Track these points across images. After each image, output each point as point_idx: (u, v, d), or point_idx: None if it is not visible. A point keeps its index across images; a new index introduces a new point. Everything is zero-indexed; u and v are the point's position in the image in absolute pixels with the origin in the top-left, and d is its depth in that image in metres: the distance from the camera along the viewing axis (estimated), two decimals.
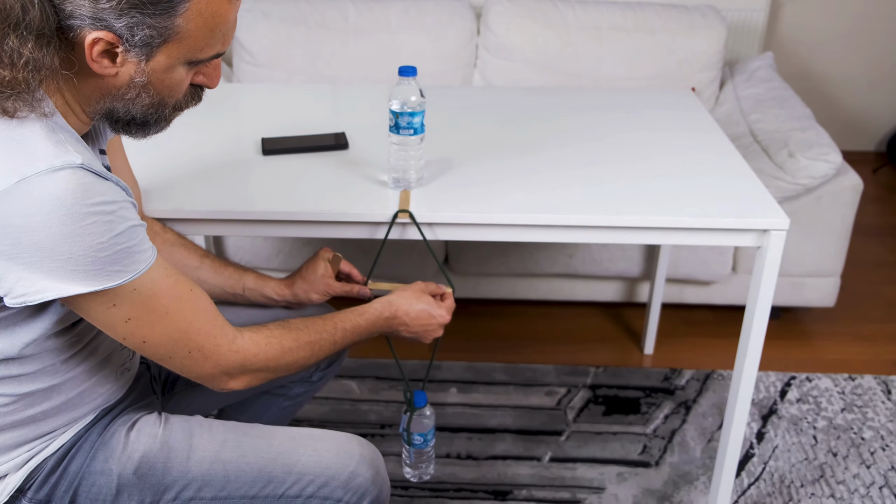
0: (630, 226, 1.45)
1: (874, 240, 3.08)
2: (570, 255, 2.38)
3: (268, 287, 1.48)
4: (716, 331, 2.54)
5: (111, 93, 1.03)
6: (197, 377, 1.14)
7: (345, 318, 1.31)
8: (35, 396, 1.12)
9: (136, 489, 1.17)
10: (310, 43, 2.57)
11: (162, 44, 0.99)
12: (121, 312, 1.02)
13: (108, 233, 0.96)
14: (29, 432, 1.13)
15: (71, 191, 0.92)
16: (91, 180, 0.95)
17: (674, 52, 2.60)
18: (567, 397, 2.22)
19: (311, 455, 1.23)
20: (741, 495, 1.91)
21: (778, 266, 1.46)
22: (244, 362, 1.15)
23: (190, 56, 1.03)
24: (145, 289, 1.02)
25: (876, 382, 2.30)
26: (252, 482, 1.20)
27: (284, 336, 1.20)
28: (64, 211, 0.92)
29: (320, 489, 1.22)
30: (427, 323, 1.39)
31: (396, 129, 1.44)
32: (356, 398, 2.19)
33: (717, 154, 1.70)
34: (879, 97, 3.63)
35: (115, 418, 1.22)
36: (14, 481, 1.13)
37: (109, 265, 0.97)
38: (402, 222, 1.44)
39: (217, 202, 1.46)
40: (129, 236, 0.98)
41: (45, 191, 0.91)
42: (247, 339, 1.16)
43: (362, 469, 1.24)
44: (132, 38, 0.96)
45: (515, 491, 1.91)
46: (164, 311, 1.05)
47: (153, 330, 1.05)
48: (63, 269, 0.95)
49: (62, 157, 0.93)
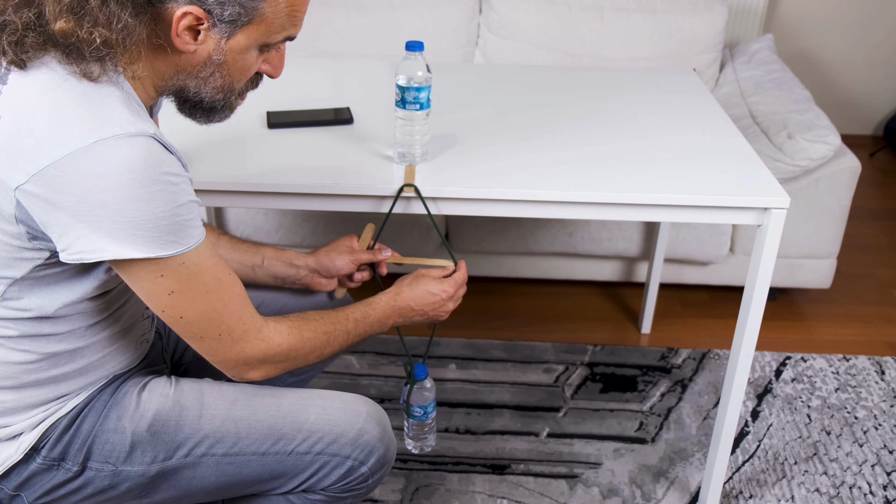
0: (632, 202, 1.46)
1: (870, 223, 3.11)
2: (569, 234, 2.40)
3: (288, 254, 1.50)
4: (712, 311, 2.56)
5: (186, 69, 1.07)
6: (220, 362, 1.17)
7: (356, 309, 1.34)
8: (59, 357, 1.14)
9: (150, 446, 1.19)
10: (311, 19, 2.57)
11: (246, 24, 1.04)
12: (167, 284, 1.05)
13: (170, 203, 0.99)
14: (48, 392, 1.16)
15: (143, 157, 0.96)
16: (161, 151, 0.99)
17: (674, 34, 2.61)
18: (565, 374, 2.24)
19: (320, 413, 1.25)
20: (735, 472, 1.94)
21: (777, 245, 1.48)
22: (267, 351, 1.18)
23: (266, 38, 1.08)
24: (192, 264, 1.05)
25: (870, 363, 2.32)
26: (263, 439, 1.22)
27: (304, 326, 1.23)
28: (134, 176, 0.96)
29: (329, 446, 1.24)
30: (432, 301, 1.41)
31: (403, 104, 1.45)
32: (356, 373, 2.21)
33: (719, 133, 1.71)
34: (878, 81, 3.65)
35: (127, 380, 1.24)
36: (28, 440, 1.15)
37: (167, 234, 1.00)
38: (406, 196, 1.46)
39: (222, 174, 1.47)
40: (188, 209, 1.02)
41: (119, 154, 0.95)
42: (271, 328, 1.19)
43: (370, 427, 1.26)
44: (221, 14, 1.01)
45: (513, 465, 1.94)
46: (206, 290, 1.08)
47: (192, 306, 1.08)
48: (123, 232, 0.98)
49: (137, 125, 0.98)
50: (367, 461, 1.26)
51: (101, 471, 1.18)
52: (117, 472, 1.19)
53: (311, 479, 1.25)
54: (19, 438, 1.16)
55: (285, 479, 1.25)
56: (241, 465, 1.22)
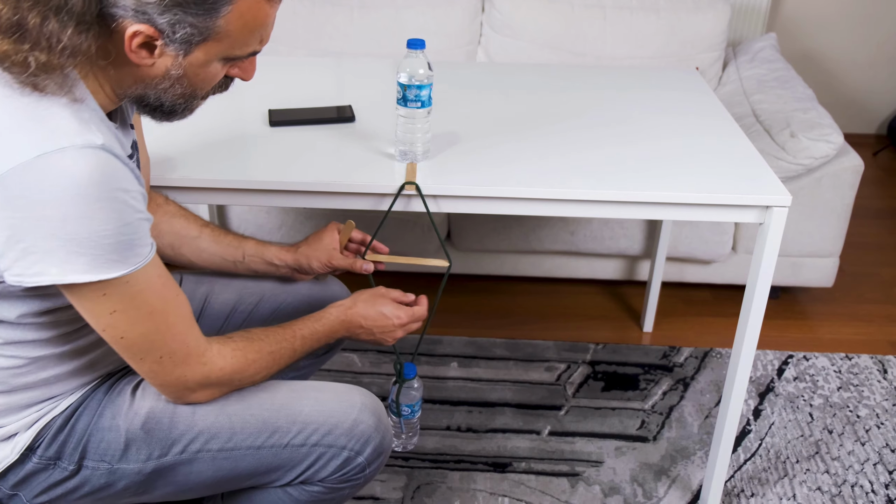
0: (634, 200, 1.46)
1: (873, 222, 3.10)
2: (571, 232, 2.40)
3: (269, 252, 1.49)
4: (714, 310, 2.56)
5: (145, 81, 1.03)
6: (161, 385, 1.14)
7: (303, 325, 1.31)
8: (47, 360, 1.14)
9: (144, 443, 1.19)
10: (314, 17, 2.57)
11: (202, 42, 1.00)
12: (108, 303, 1.02)
13: (116, 220, 0.96)
14: (40, 394, 1.15)
15: (88, 172, 0.92)
16: (110, 163, 0.94)
17: (677, 32, 2.61)
18: (567, 373, 2.24)
19: (314, 405, 1.25)
20: (737, 470, 1.94)
21: (779, 243, 1.48)
22: (209, 375, 1.16)
23: (227, 53, 1.04)
24: (137, 283, 1.02)
25: (872, 362, 2.32)
26: (258, 433, 1.22)
27: (248, 348, 1.20)
28: (78, 191, 0.92)
29: (324, 437, 1.24)
30: (383, 325, 1.38)
31: (404, 102, 1.45)
32: (358, 371, 2.21)
33: (721, 132, 1.71)
34: (882, 80, 3.64)
35: (120, 379, 1.24)
36: (24, 440, 1.15)
37: (110, 253, 0.97)
38: (407, 194, 1.46)
39: (224, 171, 1.48)
40: (135, 228, 0.98)
41: (62, 168, 0.91)
42: (215, 351, 1.16)
43: (365, 417, 1.26)
44: (173, 35, 0.97)
45: (515, 463, 1.94)
46: (150, 310, 1.05)
47: (134, 327, 1.05)
48: (64, 250, 0.94)
49: (84, 136, 0.93)
50: (364, 451, 1.26)
51: (97, 469, 1.19)
52: (113, 471, 1.19)
53: (307, 471, 1.25)
54: (14, 439, 1.16)
55: (282, 472, 1.26)
56: (237, 459, 1.22)
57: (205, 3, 0.95)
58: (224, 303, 1.51)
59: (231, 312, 1.51)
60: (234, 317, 1.51)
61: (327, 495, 1.29)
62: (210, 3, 0.96)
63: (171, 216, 1.44)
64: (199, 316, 1.50)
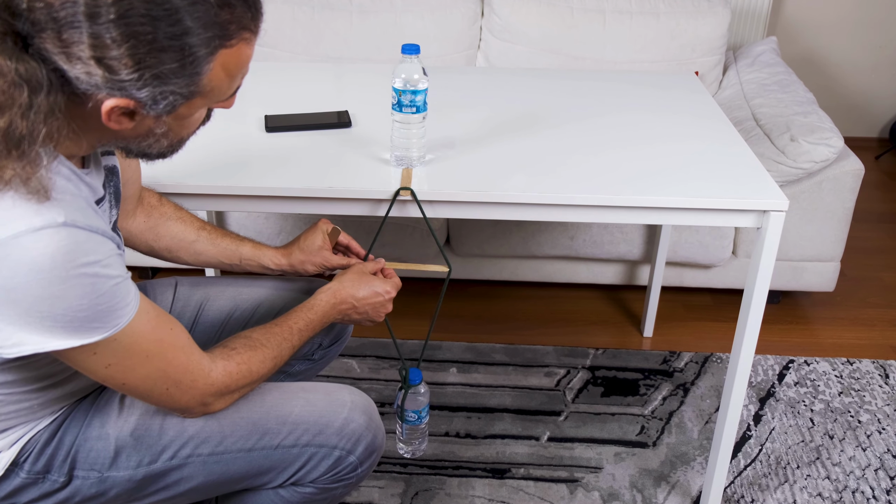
0: (631, 205, 1.45)
1: (874, 226, 3.09)
2: (571, 237, 2.39)
3: (265, 257, 1.49)
4: (715, 314, 2.55)
5: (127, 139, 0.99)
6: (179, 411, 1.16)
7: (297, 317, 1.31)
8: (28, 393, 1.12)
9: (134, 451, 1.19)
10: (313, 22, 2.57)
11: (185, 101, 0.95)
12: (101, 360, 1.00)
13: (88, 295, 0.92)
14: (21, 419, 1.14)
15: (50, 254, 0.88)
16: (74, 239, 0.90)
17: (677, 36, 2.60)
18: (566, 378, 2.23)
19: (304, 406, 1.25)
20: (737, 476, 1.93)
21: (776, 247, 1.47)
22: (220, 391, 1.17)
23: (210, 103, 1.00)
24: (126, 338, 1.00)
25: (874, 367, 2.31)
26: (248, 435, 1.22)
27: (252, 358, 1.20)
28: (42, 275, 0.88)
29: (315, 437, 1.24)
30: (374, 301, 1.39)
31: (399, 107, 1.45)
32: (356, 376, 2.21)
33: (719, 136, 1.70)
34: (883, 83, 3.63)
35: (107, 388, 1.24)
36: (7, 457, 1.14)
37: (89, 322, 0.95)
38: (403, 199, 1.45)
39: (220, 177, 1.47)
40: (111, 295, 0.95)
41: (22, 254, 0.87)
42: (220, 368, 1.16)
43: (355, 415, 1.26)
44: (155, 105, 0.92)
45: (514, 469, 1.93)
46: (145, 355, 1.04)
47: (133, 373, 1.05)
48: (41, 325, 0.92)
49: (42, 216, 0.88)
50: (355, 450, 1.26)
51: (88, 478, 1.18)
52: (103, 479, 1.18)
53: (299, 472, 1.25)
54: None
55: (274, 474, 1.25)
56: (228, 462, 1.22)
57: (184, 71, 0.90)
58: (220, 310, 1.51)
59: (227, 320, 1.51)
60: (229, 324, 1.51)
61: (319, 496, 1.29)
62: (190, 69, 0.90)
63: (167, 219, 1.44)
64: (195, 323, 1.50)
